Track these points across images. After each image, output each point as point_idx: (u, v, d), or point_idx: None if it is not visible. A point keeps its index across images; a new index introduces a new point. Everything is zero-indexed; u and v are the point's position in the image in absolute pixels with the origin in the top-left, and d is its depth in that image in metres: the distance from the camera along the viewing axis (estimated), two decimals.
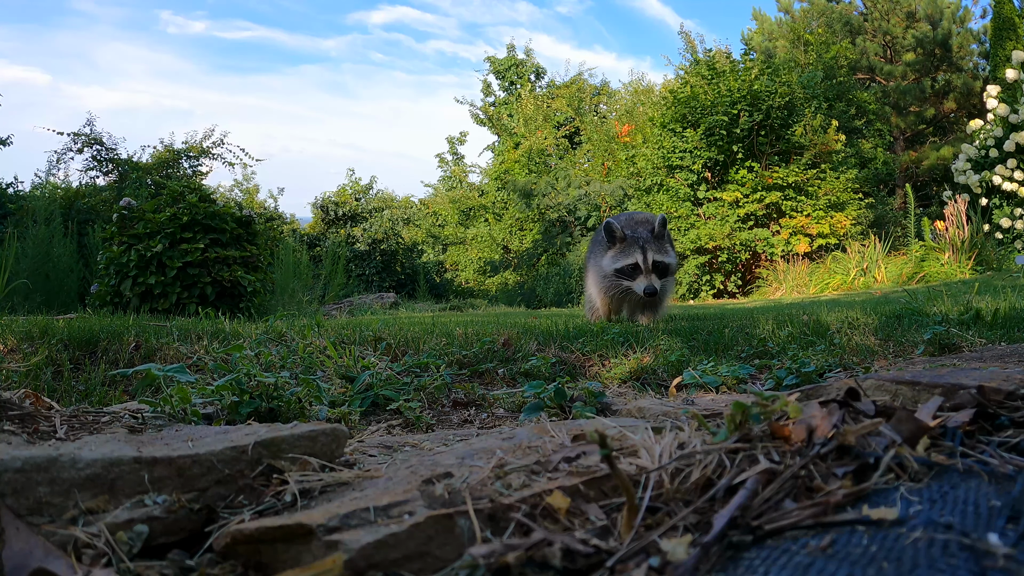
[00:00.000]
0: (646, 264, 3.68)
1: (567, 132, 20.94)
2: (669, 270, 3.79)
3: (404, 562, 0.70)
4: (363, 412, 1.88)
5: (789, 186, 12.61)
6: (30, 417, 1.43)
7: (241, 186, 20.25)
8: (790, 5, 20.80)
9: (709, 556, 0.65)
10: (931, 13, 18.84)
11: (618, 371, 2.53)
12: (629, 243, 3.73)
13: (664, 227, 3.82)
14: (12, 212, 9.08)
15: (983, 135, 11.02)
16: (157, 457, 0.89)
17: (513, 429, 1.27)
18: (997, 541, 0.60)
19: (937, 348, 2.53)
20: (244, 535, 0.77)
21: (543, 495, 0.78)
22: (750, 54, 15.08)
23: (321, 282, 9.72)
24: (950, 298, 3.72)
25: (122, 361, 2.43)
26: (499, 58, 22.95)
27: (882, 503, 0.71)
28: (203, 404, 1.65)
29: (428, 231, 20.91)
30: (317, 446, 1.02)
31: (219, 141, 13.29)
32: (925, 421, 0.85)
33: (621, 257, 3.73)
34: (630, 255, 3.70)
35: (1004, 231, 10.27)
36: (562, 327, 3.17)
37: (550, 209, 17.30)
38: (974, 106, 17.49)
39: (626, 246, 3.74)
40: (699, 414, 1.07)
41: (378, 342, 2.76)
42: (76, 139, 11.82)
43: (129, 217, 5.60)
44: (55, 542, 0.77)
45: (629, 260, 3.68)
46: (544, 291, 14.69)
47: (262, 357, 2.24)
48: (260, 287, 5.84)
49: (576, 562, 0.67)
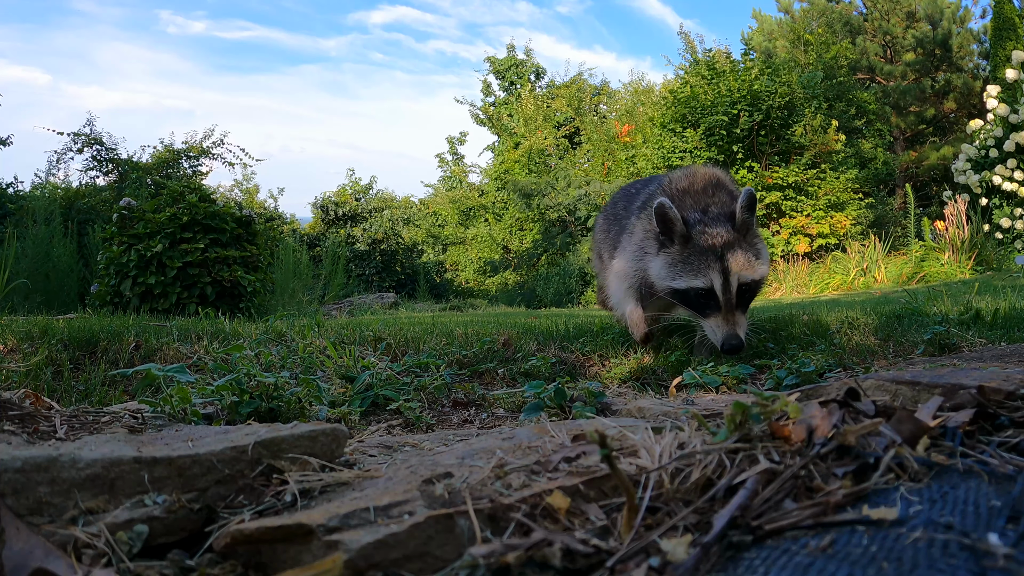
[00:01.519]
0: (727, 293, 2.29)
1: (567, 132, 20.94)
2: (761, 285, 2.44)
3: (404, 562, 0.70)
4: (363, 412, 1.88)
5: (789, 186, 12.61)
6: (30, 417, 1.43)
7: (241, 186, 20.25)
8: (790, 5, 20.80)
9: (709, 556, 0.65)
10: (931, 13, 18.83)
11: (618, 371, 2.53)
12: (698, 247, 2.34)
13: (752, 211, 2.39)
14: (12, 212, 9.08)
15: (983, 135, 11.02)
16: (157, 457, 0.89)
17: (513, 429, 1.27)
18: (997, 541, 0.60)
19: (937, 348, 2.53)
20: (244, 535, 0.77)
21: (543, 495, 0.78)
22: (750, 54, 15.07)
23: (321, 282, 9.72)
24: (950, 298, 3.72)
25: (122, 361, 2.43)
26: (499, 58, 22.94)
27: (882, 503, 0.71)
28: (203, 404, 1.65)
29: (428, 231, 20.91)
30: (317, 446, 1.02)
31: (219, 141, 13.30)
32: (925, 421, 0.85)
33: (683, 271, 2.35)
34: (699, 271, 2.32)
35: (1004, 231, 10.27)
36: (562, 327, 3.17)
37: (550, 209, 17.29)
38: (974, 106, 17.48)
39: (692, 251, 2.35)
40: (699, 414, 1.07)
41: (378, 342, 2.76)
42: (76, 139, 11.82)
43: (129, 217, 5.61)
44: (55, 542, 0.77)
45: (697, 281, 2.31)
46: (544, 291, 14.69)
47: (262, 357, 2.24)
48: (260, 287, 5.84)
49: (576, 562, 0.67)
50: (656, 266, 2.44)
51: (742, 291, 2.33)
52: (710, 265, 2.31)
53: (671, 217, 2.34)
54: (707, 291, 2.31)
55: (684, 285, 2.35)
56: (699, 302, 2.35)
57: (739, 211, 2.37)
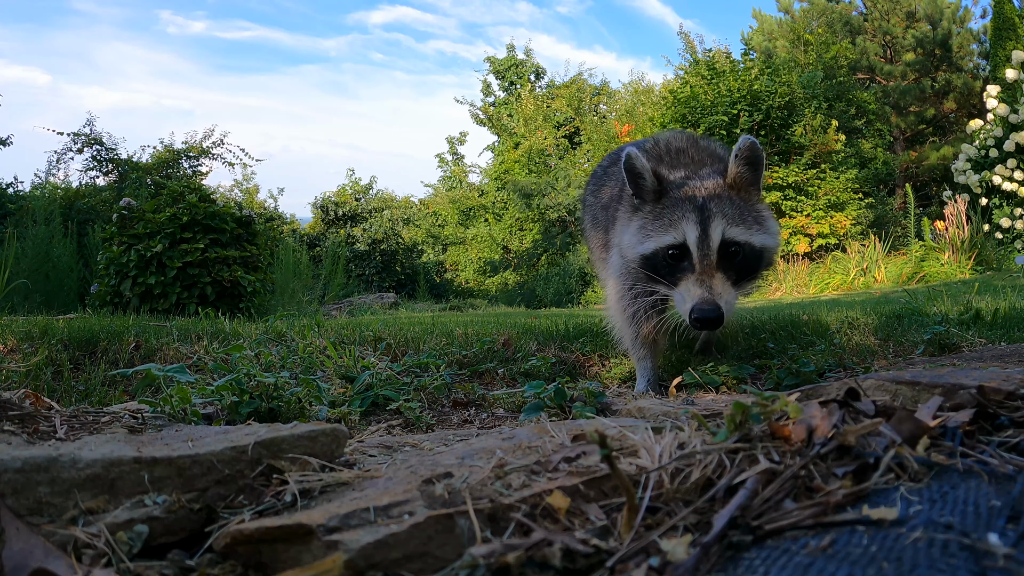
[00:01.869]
0: (705, 247, 1.84)
1: (567, 132, 20.93)
2: (760, 260, 1.94)
3: (404, 562, 0.70)
4: (363, 412, 1.88)
5: (789, 186, 12.61)
6: (30, 417, 1.43)
7: (241, 186, 20.24)
8: (790, 5, 20.80)
9: (709, 556, 0.65)
10: (931, 13, 18.83)
11: (618, 371, 2.53)
12: (672, 200, 1.93)
13: (753, 166, 1.93)
14: (12, 212, 9.09)
15: (983, 135, 11.02)
16: (157, 457, 0.89)
17: (513, 429, 1.27)
18: (997, 541, 0.60)
19: (937, 348, 2.53)
20: (244, 535, 0.77)
21: (543, 495, 0.78)
22: (750, 54, 15.07)
23: (321, 282, 9.72)
24: (950, 298, 3.72)
25: (122, 361, 2.43)
26: (499, 58, 22.94)
27: (882, 503, 0.71)
28: (203, 404, 1.65)
29: (428, 231, 20.91)
30: (317, 446, 1.02)
31: (219, 141, 13.30)
32: (925, 421, 0.85)
33: (654, 229, 1.92)
34: (671, 224, 1.89)
35: (1004, 231, 10.27)
36: (562, 327, 3.17)
37: (550, 209, 17.29)
38: (974, 106, 17.48)
39: (666, 205, 1.93)
40: (699, 414, 1.07)
41: (378, 342, 2.76)
42: (76, 139, 11.83)
43: (129, 217, 5.61)
44: (55, 542, 0.77)
45: (667, 237, 1.88)
46: (544, 291, 14.69)
47: (262, 357, 2.24)
48: (260, 287, 5.84)
49: (576, 562, 0.67)
50: (628, 234, 2.00)
51: (728, 251, 1.83)
52: (685, 216, 1.86)
53: (639, 168, 1.93)
54: (679, 248, 1.85)
55: (653, 247, 1.89)
56: (672, 269, 1.86)
57: (733, 163, 1.91)
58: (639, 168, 1.94)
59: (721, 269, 1.84)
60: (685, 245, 1.84)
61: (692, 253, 1.83)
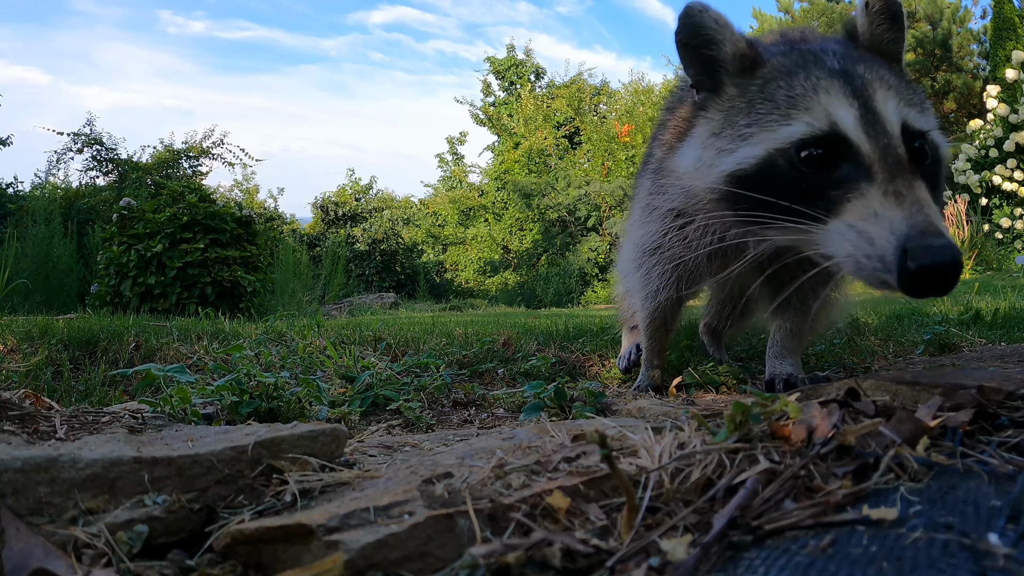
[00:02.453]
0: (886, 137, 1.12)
1: (567, 132, 20.92)
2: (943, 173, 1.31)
3: (404, 562, 0.70)
4: (363, 412, 1.88)
5: None
6: (30, 417, 1.43)
7: (241, 186, 20.23)
8: (790, 5, 20.81)
9: (709, 556, 0.65)
10: (931, 13, 18.84)
11: (618, 371, 2.53)
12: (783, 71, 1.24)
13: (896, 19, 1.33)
14: (12, 212, 9.10)
15: (983, 135, 11.02)
16: (157, 457, 0.89)
17: (513, 429, 1.27)
18: (997, 541, 0.60)
19: (937, 348, 2.53)
20: (244, 535, 0.77)
21: (543, 495, 0.78)
22: None
23: (321, 282, 9.73)
24: (950, 298, 3.72)
25: (122, 361, 2.43)
26: (499, 58, 22.92)
27: (882, 503, 0.71)
28: (203, 404, 1.65)
29: (428, 231, 20.90)
30: (317, 446, 1.02)
31: (219, 141, 13.31)
32: (925, 421, 0.85)
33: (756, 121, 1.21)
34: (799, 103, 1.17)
35: (1004, 231, 10.27)
36: (562, 327, 3.17)
37: (550, 209, 17.28)
38: (974, 106, 17.49)
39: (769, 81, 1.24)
40: (699, 414, 1.07)
41: (378, 342, 2.76)
42: (76, 139, 11.83)
43: (129, 217, 5.61)
44: (55, 542, 0.77)
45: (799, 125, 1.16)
46: (544, 291, 14.69)
47: (262, 357, 2.24)
48: (260, 287, 5.85)
49: (576, 562, 0.67)
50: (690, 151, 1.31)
51: (912, 147, 1.15)
52: (819, 86, 1.16)
53: (708, 26, 1.24)
54: (826, 141, 1.13)
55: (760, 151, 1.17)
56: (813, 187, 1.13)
57: (864, 15, 1.29)
58: (708, 25, 1.23)
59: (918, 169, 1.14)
60: (838, 133, 1.12)
61: (858, 146, 1.11)
